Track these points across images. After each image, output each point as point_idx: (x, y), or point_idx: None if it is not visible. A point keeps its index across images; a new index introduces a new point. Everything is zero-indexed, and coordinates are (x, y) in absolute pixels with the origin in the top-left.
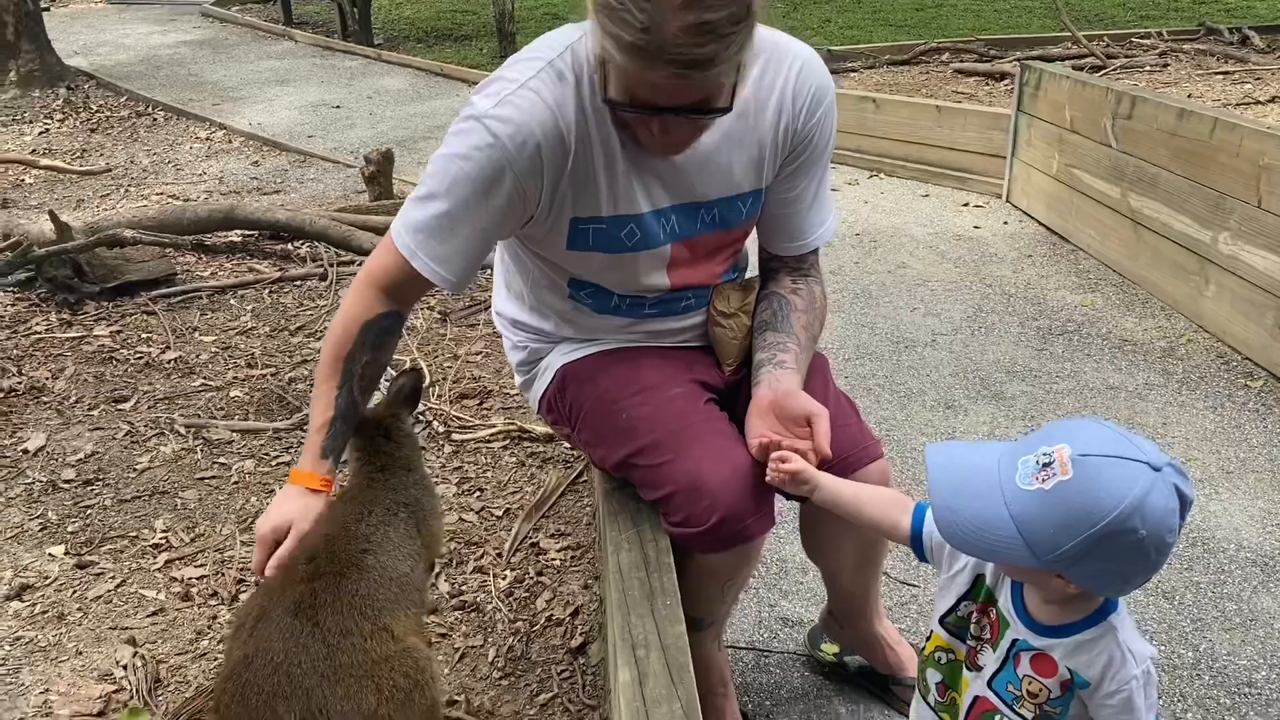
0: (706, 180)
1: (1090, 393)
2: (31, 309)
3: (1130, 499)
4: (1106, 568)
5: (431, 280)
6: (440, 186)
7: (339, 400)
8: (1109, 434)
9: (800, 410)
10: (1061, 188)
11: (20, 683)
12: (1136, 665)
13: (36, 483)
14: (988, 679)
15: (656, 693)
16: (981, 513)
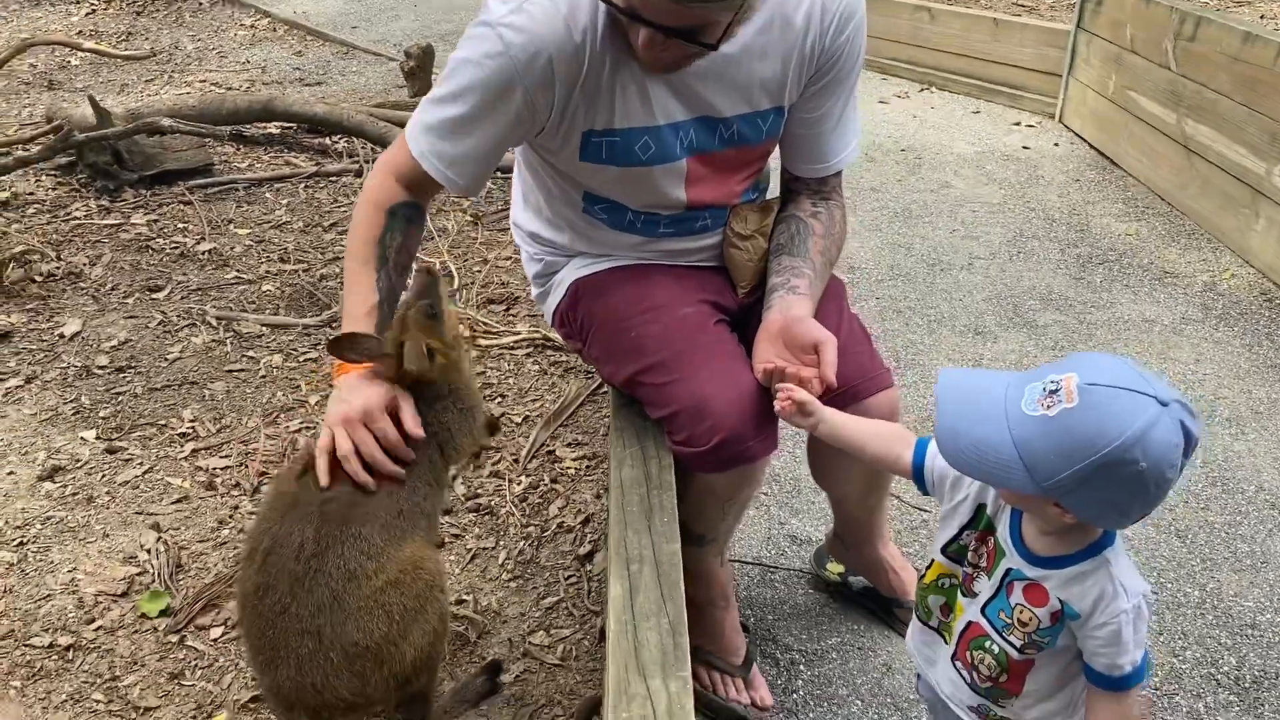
0: (725, 95)
1: (1124, 325)
2: (72, 194)
3: (1134, 430)
4: (1104, 498)
5: (441, 183)
6: (452, 90)
7: (380, 284)
8: (1120, 367)
9: (808, 337)
10: (1116, 110)
11: (50, 560)
12: (1128, 600)
13: (71, 367)
14: (981, 605)
15: (646, 607)
16: (984, 435)
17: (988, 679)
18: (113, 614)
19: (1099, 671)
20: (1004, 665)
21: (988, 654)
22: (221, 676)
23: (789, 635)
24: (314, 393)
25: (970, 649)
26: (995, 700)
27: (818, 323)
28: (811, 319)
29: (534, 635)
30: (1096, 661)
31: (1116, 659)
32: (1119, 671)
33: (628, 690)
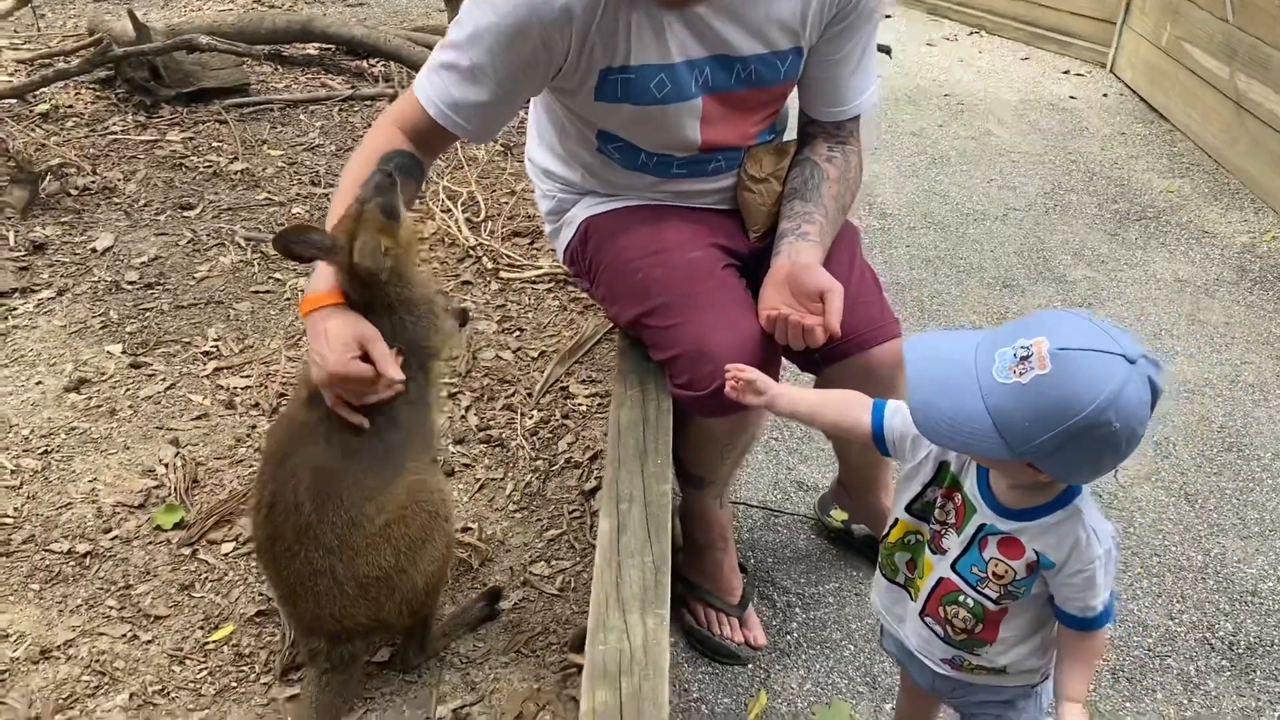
0: (743, 33)
1: (1156, 283)
2: (110, 108)
3: (1106, 394)
4: (1078, 458)
5: (447, 128)
6: (465, 36)
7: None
8: (1088, 326)
9: (814, 285)
10: (1169, 62)
11: (72, 470)
12: (1101, 545)
13: (101, 281)
14: (951, 561)
15: (631, 545)
16: (958, 407)
17: (962, 631)
18: (129, 525)
19: (1072, 614)
20: (979, 617)
21: (961, 608)
22: (230, 590)
23: (788, 579)
24: None
25: (942, 604)
26: (970, 650)
27: (825, 270)
28: (819, 266)
29: (535, 565)
30: (1070, 605)
31: (1090, 601)
32: (1092, 613)
33: (606, 623)
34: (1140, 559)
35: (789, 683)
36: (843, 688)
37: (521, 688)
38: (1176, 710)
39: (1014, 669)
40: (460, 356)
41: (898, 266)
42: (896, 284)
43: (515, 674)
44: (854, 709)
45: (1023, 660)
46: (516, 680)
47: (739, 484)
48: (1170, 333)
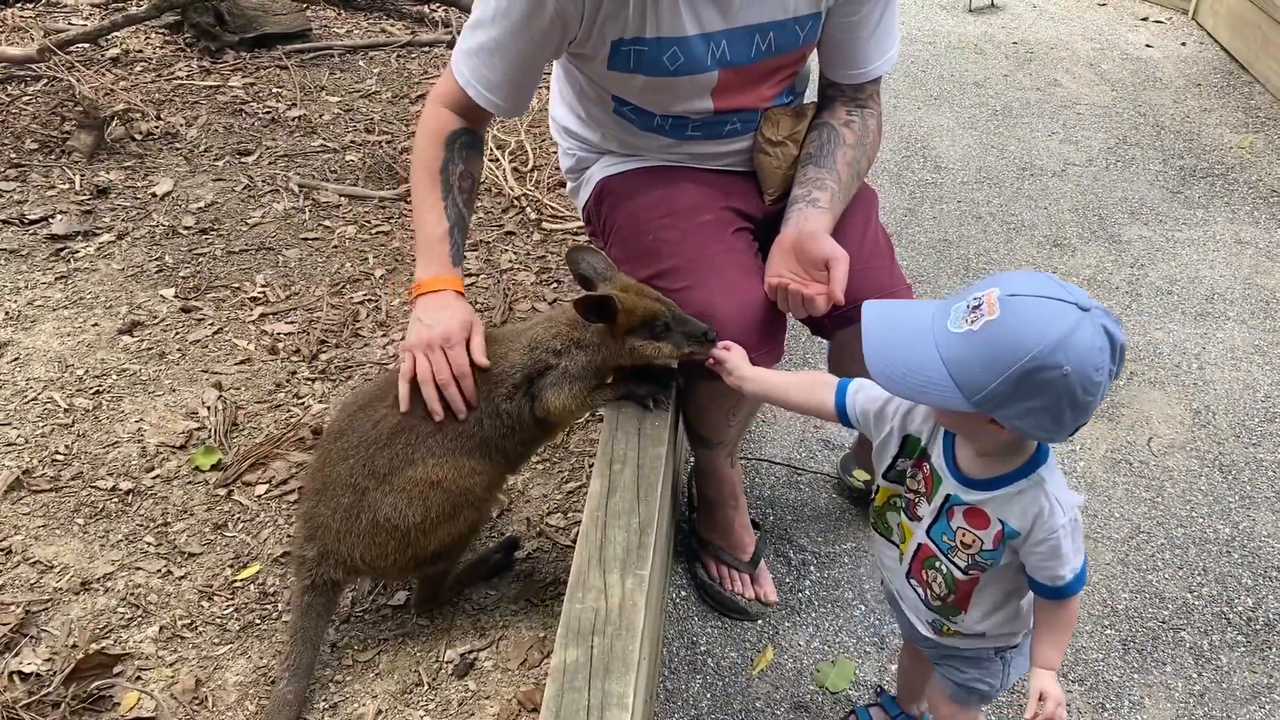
0: (761, 2)
1: (1215, 245)
2: (177, 53)
3: (1055, 335)
4: (1034, 406)
5: (484, 107)
6: (488, 14)
7: (448, 211)
8: (1040, 278)
9: (820, 253)
10: (1253, 10)
11: (121, 410)
12: (1064, 514)
13: (160, 226)
14: (926, 528)
15: (619, 506)
16: (914, 356)
17: (938, 598)
18: (170, 464)
19: (1042, 583)
20: (951, 586)
21: (938, 573)
22: (260, 530)
23: (805, 536)
24: (380, 266)
25: (925, 568)
26: (947, 616)
27: (831, 239)
28: (825, 234)
29: (551, 517)
30: (1040, 574)
31: (1058, 570)
32: (1061, 581)
33: (585, 582)
34: (1165, 530)
35: (797, 640)
36: (850, 646)
37: (528, 635)
38: (1185, 684)
39: (991, 634)
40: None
41: (947, 223)
42: (944, 240)
43: (524, 622)
44: (859, 668)
45: (999, 626)
46: (524, 628)
47: (765, 440)
48: (1224, 297)
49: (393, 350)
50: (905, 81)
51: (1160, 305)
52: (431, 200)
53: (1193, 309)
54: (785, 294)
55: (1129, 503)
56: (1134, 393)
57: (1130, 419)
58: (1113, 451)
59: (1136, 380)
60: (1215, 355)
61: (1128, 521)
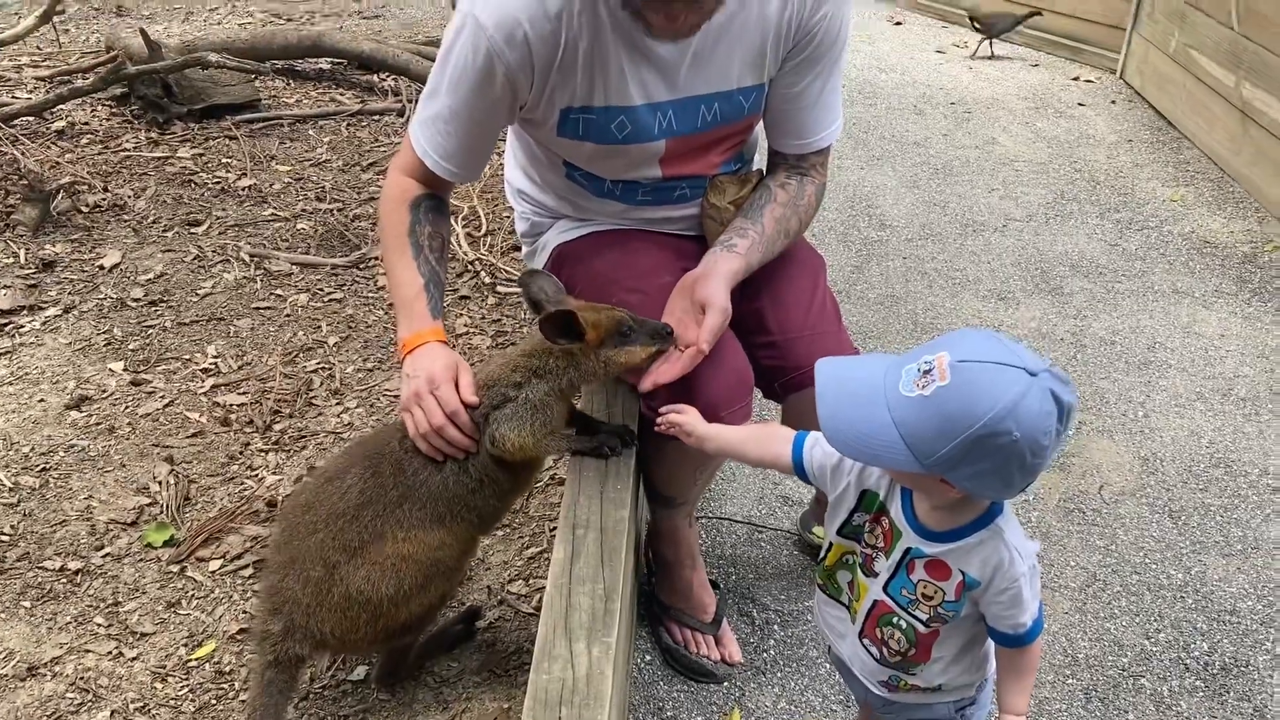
0: (707, 73)
1: (1153, 295)
2: (124, 125)
3: (1004, 402)
4: (984, 470)
5: (442, 176)
6: (441, 85)
7: (420, 269)
8: (989, 342)
9: (700, 296)
10: (1177, 69)
11: (69, 488)
12: (1023, 562)
13: (108, 299)
14: (883, 584)
15: (583, 572)
16: (867, 419)
17: (897, 654)
18: (121, 542)
19: (1004, 632)
20: (912, 640)
21: (896, 629)
22: (215, 608)
23: (767, 595)
24: (333, 334)
25: (879, 626)
26: (905, 670)
27: (722, 286)
28: (719, 278)
29: (513, 584)
30: (1001, 623)
31: (1019, 618)
32: (1021, 628)
33: (551, 652)
34: (1120, 577)
35: (763, 700)
36: (816, 706)
37: (492, 707)
38: None
39: (949, 686)
40: None
41: (894, 279)
42: (892, 296)
43: (487, 694)
44: None
45: (958, 678)
46: (489, 700)
47: (725, 498)
48: (1165, 346)
49: (348, 419)
50: (848, 143)
51: (1104, 355)
52: (404, 263)
53: (1136, 358)
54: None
55: (1084, 551)
56: (1084, 442)
57: (1081, 467)
58: (1065, 500)
59: (1086, 429)
60: (1160, 403)
61: (1084, 570)
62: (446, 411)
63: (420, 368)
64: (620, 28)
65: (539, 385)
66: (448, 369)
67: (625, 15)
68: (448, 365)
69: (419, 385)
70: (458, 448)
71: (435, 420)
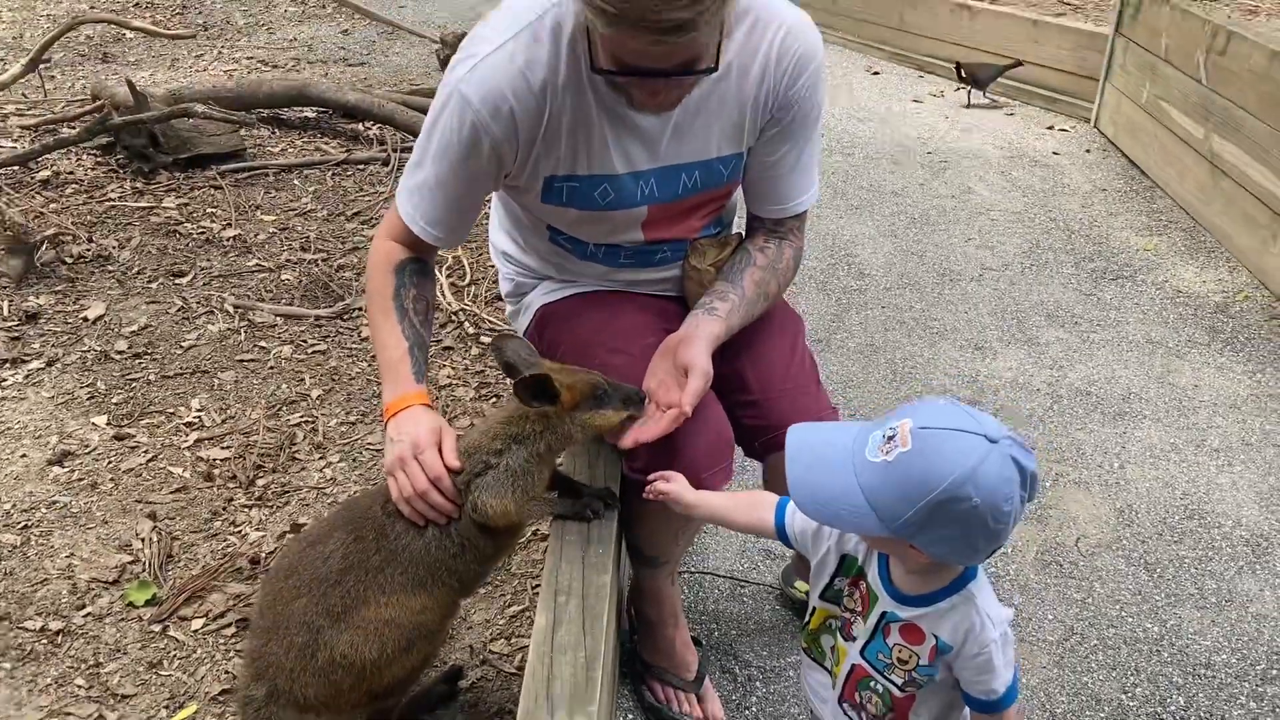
0: (688, 143)
1: (1128, 346)
2: (109, 174)
3: (964, 468)
4: (948, 535)
5: (427, 241)
6: (427, 154)
7: (405, 333)
8: (952, 410)
9: (682, 360)
10: (1149, 120)
11: (50, 545)
12: (995, 629)
13: (91, 351)
14: (860, 648)
15: (565, 640)
16: (835, 484)
17: (875, 718)
18: (102, 601)
19: (976, 697)
20: (889, 704)
21: (874, 693)
22: (197, 668)
23: (750, 651)
24: (317, 386)
25: (858, 690)
26: None
27: (704, 349)
28: (702, 341)
29: (495, 643)
30: (974, 689)
31: (991, 684)
32: (993, 695)
33: None
34: (1097, 630)
35: None
36: None
37: None
38: None
39: None
40: None
41: (873, 329)
42: (871, 346)
43: None
44: None
45: None
46: None
47: (707, 553)
48: (1140, 396)
49: (331, 474)
50: (827, 192)
51: (1080, 406)
52: (389, 327)
53: (1111, 409)
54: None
55: (1061, 604)
56: (1060, 493)
57: (1058, 519)
58: (1043, 553)
59: (1063, 481)
60: (1135, 454)
61: (1061, 624)
62: (430, 477)
63: (405, 432)
64: (603, 99)
65: (519, 451)
66: (432, 434)
67: (608, 88)
68: (431, 430)
69: (403, 450)
70: (441, 513)
71: (419, 485)
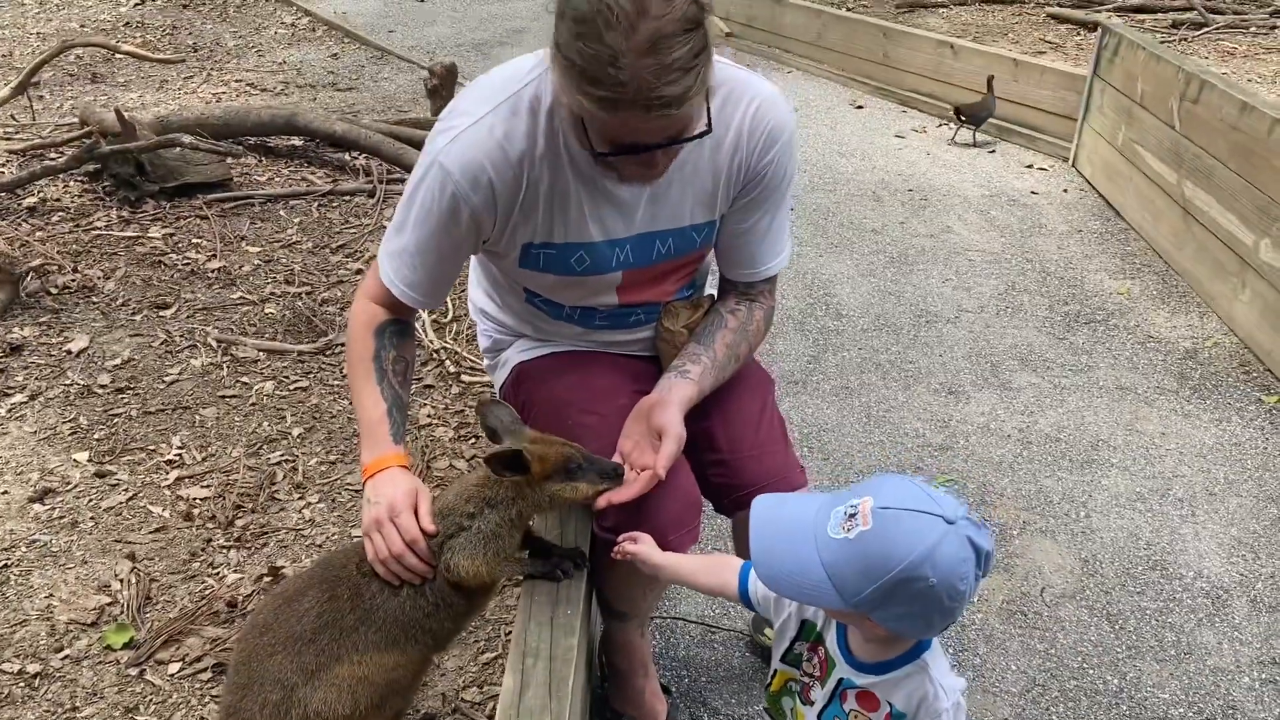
0: (663, 211)
1: (1098, 392)
2: (95, 202)
3: (922, 549)
4: (905, 611)
5: (407, 304)
6: (408, 220)
7: (384, 393)
8: (911, 489)
9: (656, 423)
10: (1124, 163)
11: (30, 585)
12: (947, 699)
13: (74, 385)
14: (818, 713)
15: (532, 704)
16: (797, 558)
17: None
18: (80, 643)
19: None
20: None
21: None
22: (172, 714)
23: (718, 698)
24: (298, 424)
25: None
26: None
27: (677, 414)
28: (674, 405)
29: (467, 691)
30: None
31: None
32: None
33: None
34: (1059, 682)
35: None
36: None
37: None
38: None
39: None
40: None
41: (849, 371)
42: (846, 389)
43: None
44: None
45: None
46: None
47: (680, 598)
48: (1108, 444)
49: (309, 515)
50: (809, 229)
51: (1049, 453)
52: (368, 389)
53: (1079, 457)
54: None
55: (1024, 655)
56: (1027, 542)
57: (1024, 569)
58: (1009, 602)
59: (1029, 530)
60: (1101, 503)
61: (1024, 675)
62: (406, 539)
63: (382, 494)
64: (580, 170)
65: (491, 515)
66: (408, 496)
67: (587, 159)
68: (408, 492)
69: (379, 512)
70: (416, 574)
71: (395, 548)
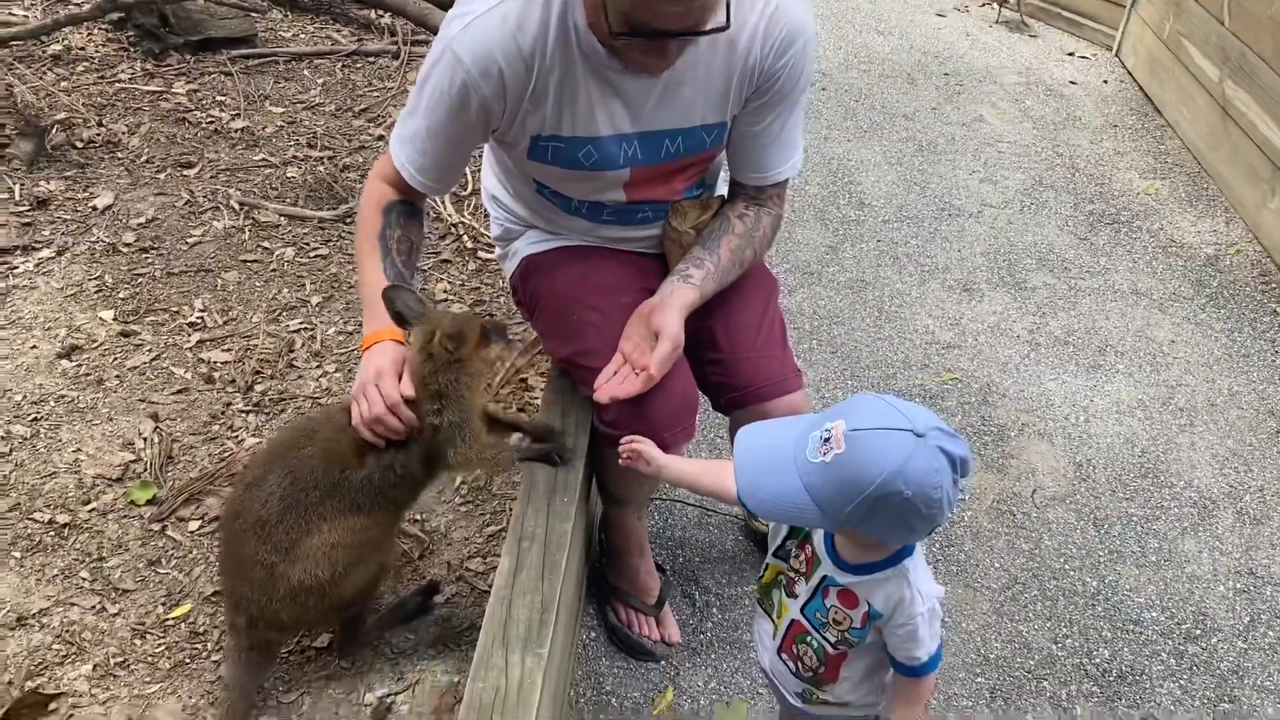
0: (672, 109)
1: (1113, 295)
2: (120, 52)
3: (893, 465)
4: (886, 523)
5: (418, 189)
6: (419, 105)
7: (386, 270)
8: (881, 408)
9: (654, 325)
10: (1168, 55)
11: (59, 439)
12: (923, 603)
13: (100, 242)
14: (801, 606)
15: (525, 584)
16: (780, 486)
17: (809, 669)
18: (106, 497)
19: (899, 661)
20: (822, 659)
21: (809, 648)
22: (192, 568)
23: (710, 578)
24: (317, 293)
25: (795, 643)
26: (817, 686)
27: (676, 317)
28: (674, 309)
29: (471, 561)
30: (899, 654)
31: (914, 651)
32: (916, 661)
33: (489, 661)
34: (1039, 581)
35: (695, 680)
36: (744, 688)
37: (444, 680)
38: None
39: (856, 704)
40: None
41: (865, 263)
42: (861, 281)
43: (440, 666)
44: (752, 708)
45: (864, 696)
46: (440, 673)
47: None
48: (1116, 349)
49: (326, 384)
50: (838, 112)
51: (1057, 356)
52: (372, 263)
53: (1086, 360)
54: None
55: (1009, 554)
56: (1024, 443)
57: (1018, 470)
58: (999, 502)
59: (1027, 431)
60: (1101, 408)
61: (1006, 572)
62: (388, 404)
63: (371, 362)
64: (590, 62)
65: (451, 408)
66: (394, 364)
67: (597, 50)
68: (394, 361)
69: (366, 377)
70: (396, 434)
71: (376, 410)
